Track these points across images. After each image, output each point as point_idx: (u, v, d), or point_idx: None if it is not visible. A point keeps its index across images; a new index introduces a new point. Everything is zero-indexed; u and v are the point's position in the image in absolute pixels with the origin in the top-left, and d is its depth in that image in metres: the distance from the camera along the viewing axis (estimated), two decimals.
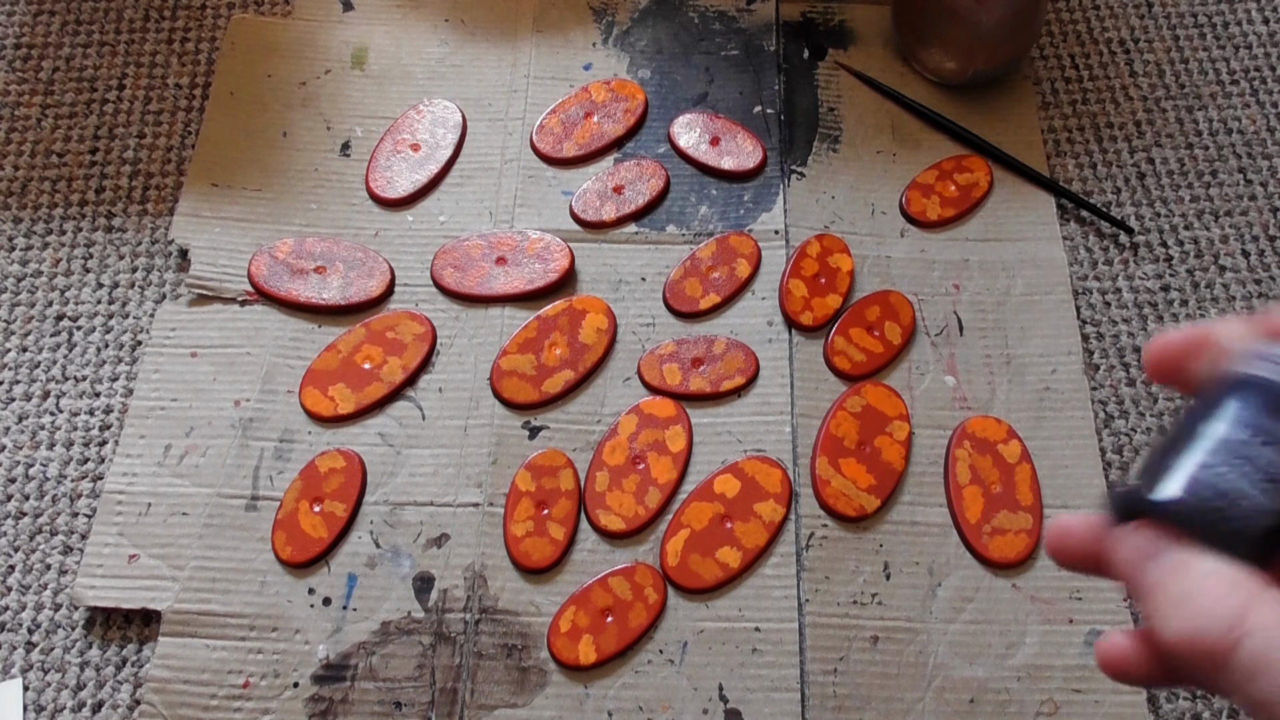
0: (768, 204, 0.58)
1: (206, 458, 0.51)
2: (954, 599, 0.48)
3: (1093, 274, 0.57)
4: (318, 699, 0.46)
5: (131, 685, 0.47)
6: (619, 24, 0.64)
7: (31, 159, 0.59)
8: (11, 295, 0.56)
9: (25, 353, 0.54)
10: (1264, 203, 0.60)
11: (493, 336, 0.54)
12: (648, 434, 0.52)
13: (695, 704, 0.46)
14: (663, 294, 0.56)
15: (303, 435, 0.52)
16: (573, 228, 0.57)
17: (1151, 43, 0.65)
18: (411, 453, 0.51)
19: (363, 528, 0.50)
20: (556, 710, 0.46)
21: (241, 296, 0.55)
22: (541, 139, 0.60)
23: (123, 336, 0.54)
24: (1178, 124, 0.62)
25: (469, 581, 0.48)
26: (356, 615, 0.48)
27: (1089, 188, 0.60)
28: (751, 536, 0.49)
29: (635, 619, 0.47)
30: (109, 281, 0.56)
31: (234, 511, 0.50)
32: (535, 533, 0.49)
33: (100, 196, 0.58)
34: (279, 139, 0.60)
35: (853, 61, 0.63)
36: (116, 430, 0.52)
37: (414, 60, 0.63)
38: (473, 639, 0.47)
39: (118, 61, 0.62)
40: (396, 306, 0.55)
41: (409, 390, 0.53)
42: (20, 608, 0.48)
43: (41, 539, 0.50)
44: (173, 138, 0.60)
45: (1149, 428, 0.53)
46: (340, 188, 0.58)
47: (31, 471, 0.51)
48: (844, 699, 0.46)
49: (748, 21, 0.65)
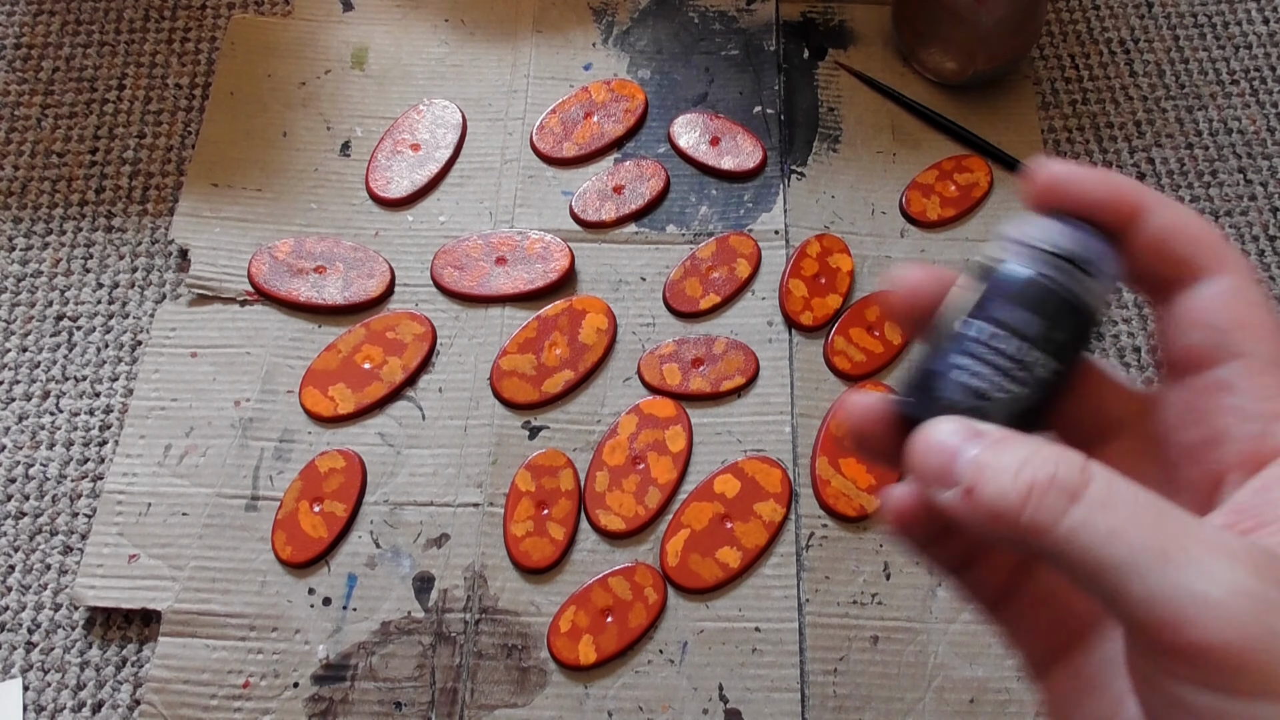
0: (768, 204, 0.58)
1: (206, 458, 0.51)
2: (954, 599, 0.48)
3: None
4: (318, 699, 0.46)
5: (131, 685, 0.47)
6: (619, 24, 0.64)
7: (31, 159, 0.59)
8: (11, 295, 0.56)
9: (25, 353, 0.54)
10: (1264, 203, 0.60)
11: (493, 336, 0.54)
12: (648, 434, 0.52)
13: (695, 704, 0.46)
14: (663, 294, 0.56)
15: (303, 435, 0.52)
16: (573, 228, 0.57)
17: (1151, 43, 0.65)
18: (411, 453, 0.51)
19: (363, 528, 0.50)
20: (556, 710, 0.46)
21: (241, 296, 0.55)
22: (541, 139, 0.60)
23: (123, 336, 0.54)
24: (1178, 124, 0.62)
25: (469, 581, 0.48)
26: (356, 615, 0.48)
27: None
28: (751, 536, 0.49)
29: (635, 619, 0.47)
30: (109, 281, 0.56)
31: (234, 511, 0.50)
32: (535, 533, 0.49)
33: (100, 196, 0.58)
34: (279, 139, 0.60)
35: (853, 61, 0.63)
36: (116, 430, 0.52)
37: (414, 60, 0.63)
38: (473, 639, 0.47)
39: (118, 61, 0.62)
40: (396, 306, 0.55)
41: (409, 390, 0.53)
42: (20, 608, 0.48)
43: (41, 539, 0.50)
44: (173, 138, 0.60)
45: None
46: (340, 188, 0.58)
47: (31, 471, 0.51)
48: (844, 699, 0.46)
49: (748, 21, 0.65)
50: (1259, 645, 0.18)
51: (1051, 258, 0.23)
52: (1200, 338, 0.23)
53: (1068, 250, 0.23)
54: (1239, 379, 0.22)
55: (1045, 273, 0.23)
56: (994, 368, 0.23)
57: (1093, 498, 0.20)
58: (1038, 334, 0.23)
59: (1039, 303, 0.23)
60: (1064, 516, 0.19)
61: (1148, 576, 0.19)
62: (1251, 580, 0.18)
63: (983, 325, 0.23)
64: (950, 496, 0.20)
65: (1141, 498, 0.20)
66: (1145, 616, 0.19)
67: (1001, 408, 0.22)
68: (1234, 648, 0.18)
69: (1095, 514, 0.19)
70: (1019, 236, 0.24)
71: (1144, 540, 0.19)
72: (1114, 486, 0.20)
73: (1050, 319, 0.23)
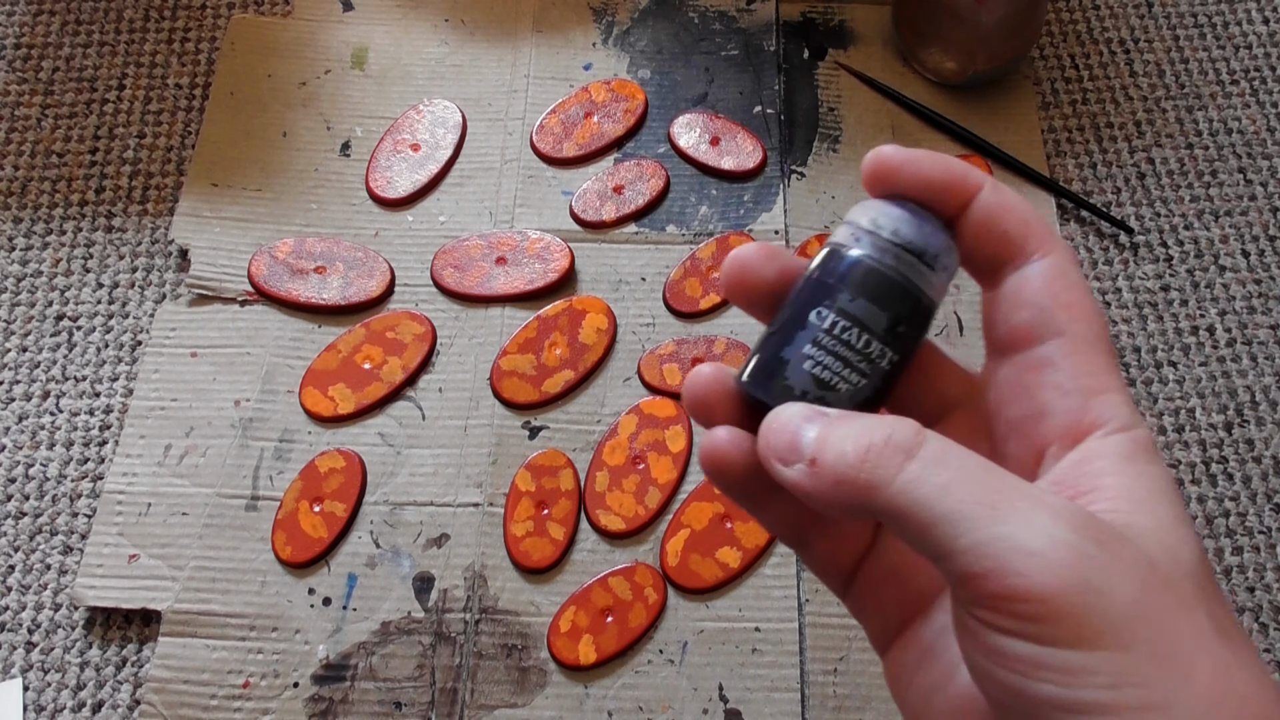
0: (768, 204, 0.58)
1: (206, 458, 0.51)
2: None
3: (1093, 274, 0.57)
4: (318, 699, 0.46)
5: (131, 685, 0.47)
6: (619, 24, 0.64)
7: (31, 159, 0.59)
8: (11, 295, 0.56)
9: (25, 353, 0.54)
10: (1264, 203, 0.60)
11: (493, 336, 0.54)
12: (648, 434, 0.52)
13: (695, 704, 0.46)
14: (663, 294, 0.56)
15: (303, 435, 0.52)
16: (573, 228, 0.57)
17: (1151, 43, 0.65)
18: (411, 453, 0.51)
19: (363, 528, 0.50)
20: (556, 710, 0.46)
21: (241, 296, 0.55)
22: (541, 139, 0.60)
23: (123, 336, 0.54)
24: (1178, 124, 0.62)
25: (469, 581, 0.48)
26: (356, 615, 0.48)
27: (1089, 188, 0.60)
28: (752, 536, 0.49)
29: (635, 619, 0.47)
30: (109, 281, 0.56)
31: (234, 511, 0.50)
32: (535, 533, 0.49)
33: (100, 196, 0.58)
34: (279, 139, 0.60)
35: (853, 61, 0.63)
36: (116, 430, 0.52)
37: (414, 60, 0.63)
38: (473, 639, 0.47)
39: (118, 61, 0.62)
40: (396, 306, 0.55)
41: (409, 390, 0.53)
42: (20, 608, 0.48)
43: (41, 539, 0.50)
44: (173, 138, 0.60)
45: (1149, 426, 0.53)
46: (340, 188, 0.58)
47: (31, 471, 0.51)
48: (844, 699, 0.46)
49: (748, 21, 0.65)
50: (1074, 595, 0.19)
51: (899, 250, 0.24)
52: (1024, 317, 0.23)
53: (913, 243, 0.24)
54: (1059, 356, 0.23)
55: (893, 266, 0.24)
56: (840, 359, 0.23)
57: (926, 456, 0.21)
58: (884, 329, 0.23)
59: (886, 297, 0.23)
60: (900, 472, 0.20)
61: (975, 529, 0.19)
62: (1070, 535, 0.19)
63: (833, 317, 0.23)
64: (796, 471, 0.22)
65: (972, 458, 0.21)
66: (969, 567, 0.19)
67: (844, 397, 0.23)
68: (1050, 596, 0.19)
69: (928, 470, 0.20)
70: (868, 225, 0.24)
71: (973, 494, 0.20)
72: (946, 446, 0.21)
73: (895, 313, 0.24)
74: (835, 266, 0.24)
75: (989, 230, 0.24)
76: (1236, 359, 0.55)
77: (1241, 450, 0.53)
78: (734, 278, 0.25)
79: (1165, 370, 0.55)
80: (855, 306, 0.23)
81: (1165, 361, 0.55)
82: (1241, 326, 0.56)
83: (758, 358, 0.24)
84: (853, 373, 0.23)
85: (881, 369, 0.24)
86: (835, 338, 0.23)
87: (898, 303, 0.24)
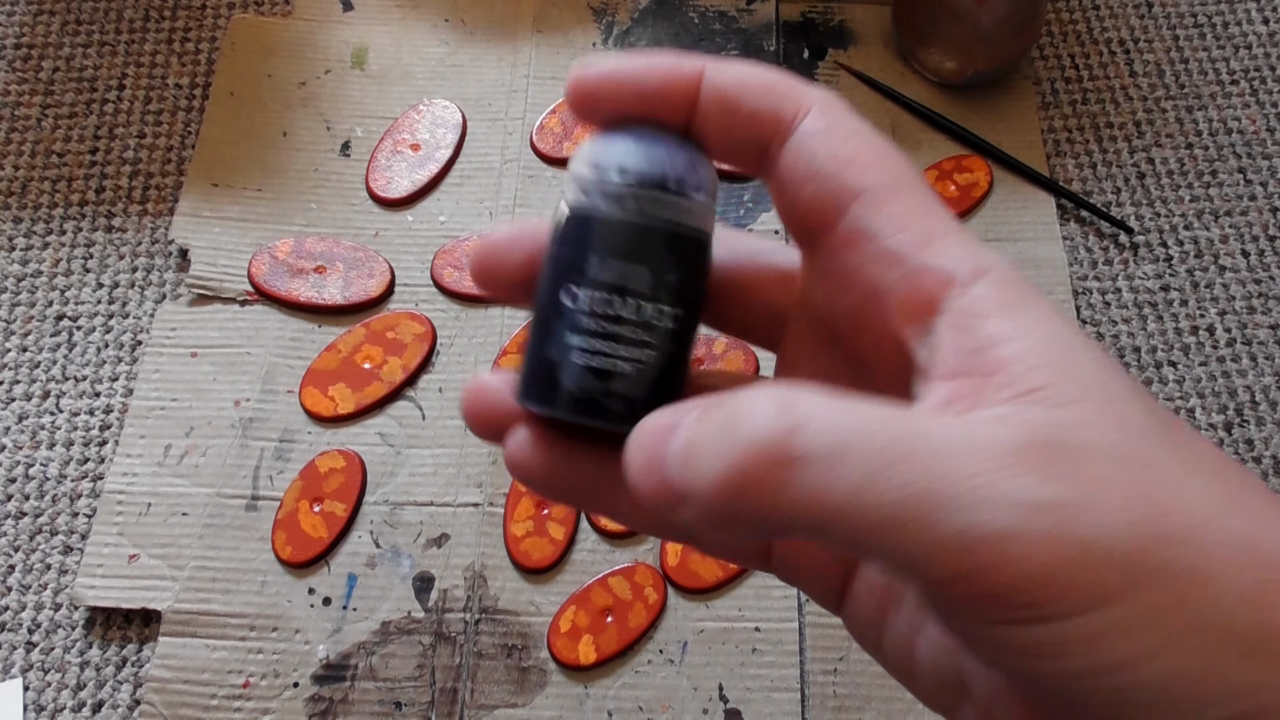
0: (768, 204, 0.58)
1: (206, 458, 0.51)
2: None
3: (1092, 274, 0.57)
4: (318, 699, 0.46)
5: (131, 685, 0.47)
6: (619, 24, 0.64)
7: (31, 159, 0.59)
8: (11, 295, 0.56)
9: (25, 353, 0.54)
10: (1264, 203, 0.60)
11: (493, 336, 0.54)
12: None
13: (695, 704, 0.46)
14: None
15: (303, 435, 0.52)
16: None
17: (1151, 43, 0.65)
18: (411, 453, 0.51)
19: (363, 528, 0.50)
20: (556, 710, 0.46)
21: (241, 296, 0.55)
22: (542, 139, 0.60)
23: (123, 336, 0.54)
24: (1178, 124, 0.62)
25: (469, 581, 0.48)
26: (356, 615, 0.48)
27: (1089, 188, 0.60)
28: None
29: (635, 619, 0.47)
30: (109, 281, 0.56)
31: (234, 511, 0.50)
32: (535, 533, 0.49)
33: (100, 196, 0.58)
34: (279, 139, 0.60)
35: (853, 61, 0.63)
36: (116, 430, 0.52)
37: (414, 60, 0.63)
38: (473, 639, 0.47)
39: (118, 61, 0.62)
40: (396, 306, 0.55)
41: (409, 390, 0.53)
42: (20, 608, 0.48)
43: (41, 539, 0.50)
44: (173, 138, 0.60)
45: None
46: (340, 188, 0.59)
47: (31, 471, 0.51)
48: (844, 699, 0.46)
49: (748, 21, 0.65)
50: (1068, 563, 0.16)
51: (634, 190, 0.20)
52: (811, 192, 0.20)
53: (647, 175, 0.20)
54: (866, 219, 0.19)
55: (634, 209, 0.20)
56: (611, 339, 0.20)
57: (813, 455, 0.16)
58: (649, 286, 0.20)
59: (638, 250, 0.20)
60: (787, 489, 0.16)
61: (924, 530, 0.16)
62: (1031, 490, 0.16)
63: (584, 292, 0.20)
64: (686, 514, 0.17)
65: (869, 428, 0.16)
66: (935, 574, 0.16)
67: (635, 383, 0.20)
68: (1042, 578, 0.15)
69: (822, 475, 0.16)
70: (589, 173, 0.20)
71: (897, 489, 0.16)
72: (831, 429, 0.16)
73: (656, 264, 0.20)
74: (570, 233, 0.20)
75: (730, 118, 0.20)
76: (1236, 359, 0.55)
77: (1241, 450, 0.53)
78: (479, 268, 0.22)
79: (1165, 370, 0.55)
80: (607, 272, 0.20)
81: (1165, 361, 0.55)
82: (1241, 326, 0.56)
83: (525, 365, 0.21)
84: (633, 348, 0.20)
85: (667, 330, 0.20)
86: (597, 316, 0.20)
87: (654, 250, 0.20)
